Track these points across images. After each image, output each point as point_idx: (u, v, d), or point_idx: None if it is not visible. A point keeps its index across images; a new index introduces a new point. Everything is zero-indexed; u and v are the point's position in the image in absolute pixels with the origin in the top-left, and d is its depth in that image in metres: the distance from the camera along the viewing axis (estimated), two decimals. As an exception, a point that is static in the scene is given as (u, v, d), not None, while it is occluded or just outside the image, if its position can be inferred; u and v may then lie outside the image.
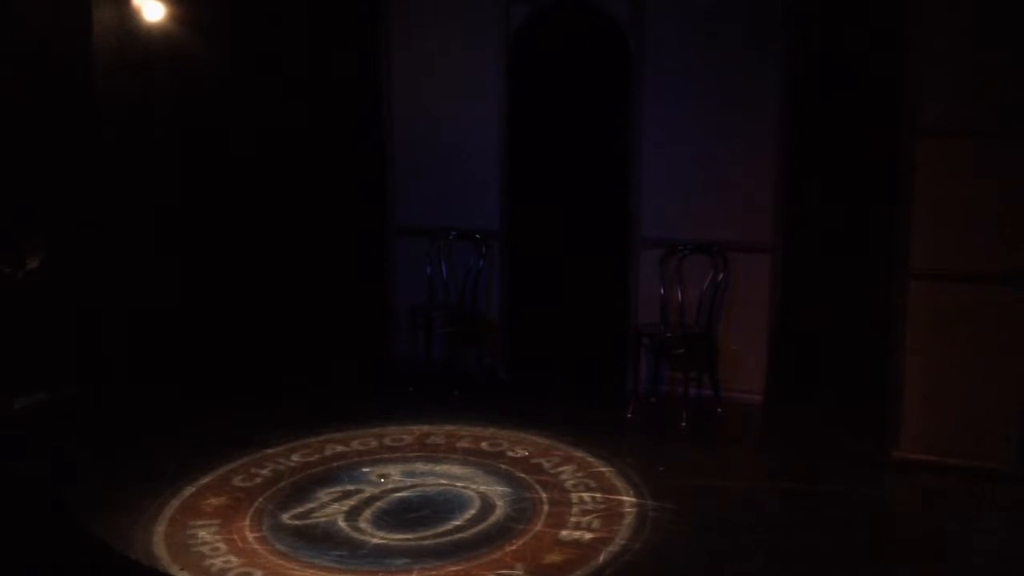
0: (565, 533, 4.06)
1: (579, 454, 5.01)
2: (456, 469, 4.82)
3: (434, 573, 3.72)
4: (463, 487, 4.58)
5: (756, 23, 5.72)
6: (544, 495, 4.47)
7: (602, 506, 4.34)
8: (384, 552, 3.90)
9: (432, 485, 4.62)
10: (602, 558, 3.82)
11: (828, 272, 5.94)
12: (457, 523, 4.17)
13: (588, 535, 4.04)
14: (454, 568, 3.75)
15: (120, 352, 6.21)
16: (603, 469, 4.80)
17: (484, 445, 5.19)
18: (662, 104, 5.99)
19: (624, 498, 4.42)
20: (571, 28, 6.31)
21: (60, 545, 3.72)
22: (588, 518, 4.21)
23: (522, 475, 4.72)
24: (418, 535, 4.06)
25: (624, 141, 6.15)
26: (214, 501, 4.39)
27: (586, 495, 4.47)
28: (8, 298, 5.45)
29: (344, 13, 6.93)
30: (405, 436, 5.33)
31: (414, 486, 4.60)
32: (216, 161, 6.62)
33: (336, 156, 7.04)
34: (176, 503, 4.36)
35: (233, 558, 3.84)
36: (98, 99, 6.02)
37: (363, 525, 4.15)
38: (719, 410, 5.80)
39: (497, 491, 4.52)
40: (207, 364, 6.43)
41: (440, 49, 6.64)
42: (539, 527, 4.12)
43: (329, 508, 4.34)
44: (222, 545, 3.95)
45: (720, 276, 5.84)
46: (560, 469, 4.81)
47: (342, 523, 4.17)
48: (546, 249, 6.58)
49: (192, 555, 3.86)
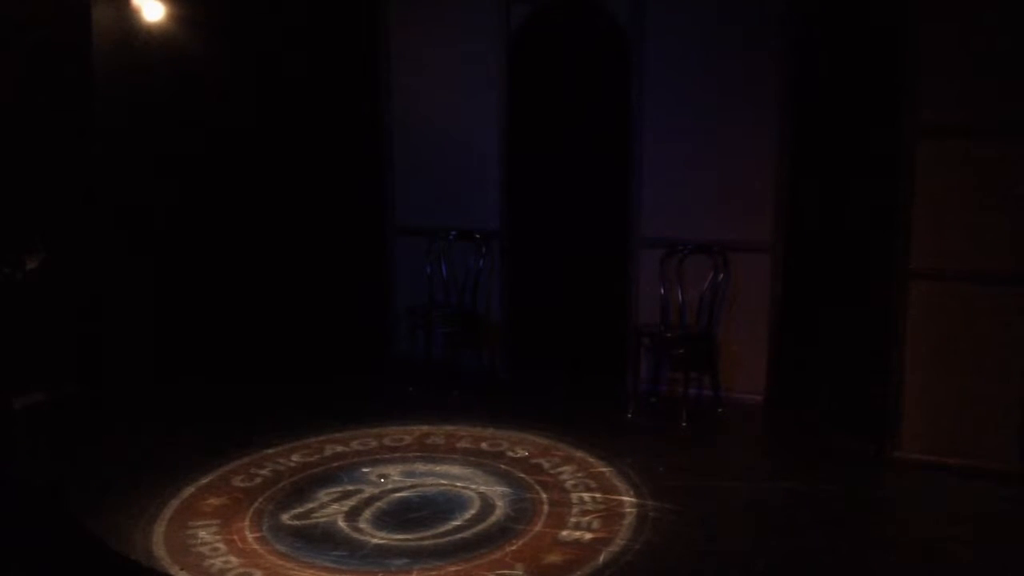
0: (565, 533, 4.06)
1: (579, 454, 5.02)
2: (456, 469, 4.82)
3: (434, 573, 3.72)
4: (463, 487, 4.58)
5: (756, 23, 5.72)
6: (544, 495, 4.46)
7: (602, 506, 4.33)
8: (384, 552, 3.90)
9: (432, 485, 4.62)
10: (602, 558, 3.81)
11: (828, 272, 5.94)
12: (457, 523, 4.16)
13: (588, 535, 4.03)
14: (454, 568, 3.75)
15: (120, 352, 6.22)
16: (603, 469, 4.80)
17: (484, 445, 5.19)
18: (662, 104, 5.99)
19: (624, 498, 4.42)
20: (571, 28, 6.31)
21: (60, 545, 3.72)
22: (588, 518, 4.20)
23: (522, 475, 4.72)
24: (418, 535, 4.05)
25: (624, 141, 6.15)
26: (214, 501, 4.39)
27: (586, 495, 4.46)
28: (8, 298, 5.44)
29: (344, 13, 6.93)
30: (405, 436, 5.33)
31: (414, 486, 4.60)
32: (216, 161, 6.62)
33: (336, 156, 7.03)
34: (176, 503, 4.36)
35: (233, 558, 3.83)
36: (98, 99, 6.03)
37: (363, 525, 4.15)
38: (719, 410, 5.81)
39: (497, 491, 4.51)
40: (207, 364, 6.44)
41: (440, 49, 6.65)
42: (539, 527, 4.11)
43: (329, 508, 4.33)
44: (222, 545, 3.95)
45: (720, 276, 5.85)
46: (560, 469, 4.81)
47: (342, 523, 4.17)
48: (546, 249, 6.59)
49: (192, 555, 3.85)
